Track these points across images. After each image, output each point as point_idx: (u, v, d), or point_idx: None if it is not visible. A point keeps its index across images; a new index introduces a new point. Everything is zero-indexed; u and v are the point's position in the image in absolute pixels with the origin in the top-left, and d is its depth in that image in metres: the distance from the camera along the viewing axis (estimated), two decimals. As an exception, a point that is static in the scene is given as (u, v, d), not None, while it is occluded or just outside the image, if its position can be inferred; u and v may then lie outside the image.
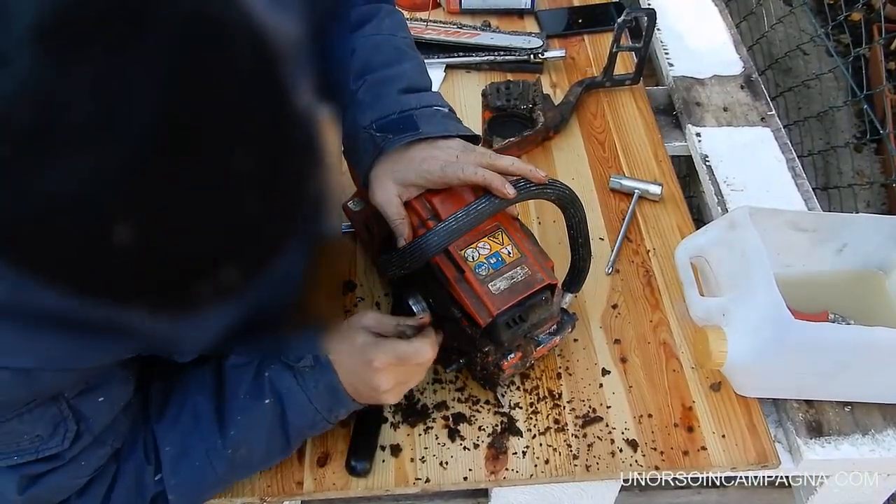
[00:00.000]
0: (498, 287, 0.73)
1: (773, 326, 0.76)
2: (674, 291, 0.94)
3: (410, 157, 0.75)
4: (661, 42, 1.30)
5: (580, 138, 1.14)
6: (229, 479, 0.72)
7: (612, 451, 0.80)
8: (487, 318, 0.72)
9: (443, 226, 0.70)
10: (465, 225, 0.71)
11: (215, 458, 0.67)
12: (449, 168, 0.73)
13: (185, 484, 0.67)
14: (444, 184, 0.74)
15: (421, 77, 0.83)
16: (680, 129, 1.18)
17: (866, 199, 1.96)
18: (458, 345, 0.80)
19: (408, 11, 1.37)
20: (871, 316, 0.89)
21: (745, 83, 1.22)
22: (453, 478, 0.78)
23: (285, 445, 0.72)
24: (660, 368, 0.87)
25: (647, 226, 1.02)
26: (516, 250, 0.75)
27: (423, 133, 0.75)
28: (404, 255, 0.72)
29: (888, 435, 0.82)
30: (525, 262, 0.75)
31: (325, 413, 0.71)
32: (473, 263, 0.74)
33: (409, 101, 0.77)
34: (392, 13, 0.87)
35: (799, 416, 0.83)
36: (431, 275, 0.76)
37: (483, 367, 0.80)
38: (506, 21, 1.36)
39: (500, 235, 0.76)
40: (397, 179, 0.74)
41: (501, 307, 0.72)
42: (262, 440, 0.70)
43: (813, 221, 0.90)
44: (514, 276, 0.74)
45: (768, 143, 1.12)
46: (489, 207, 0.71)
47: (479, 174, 0.72)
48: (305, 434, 0.74)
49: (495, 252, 0.75)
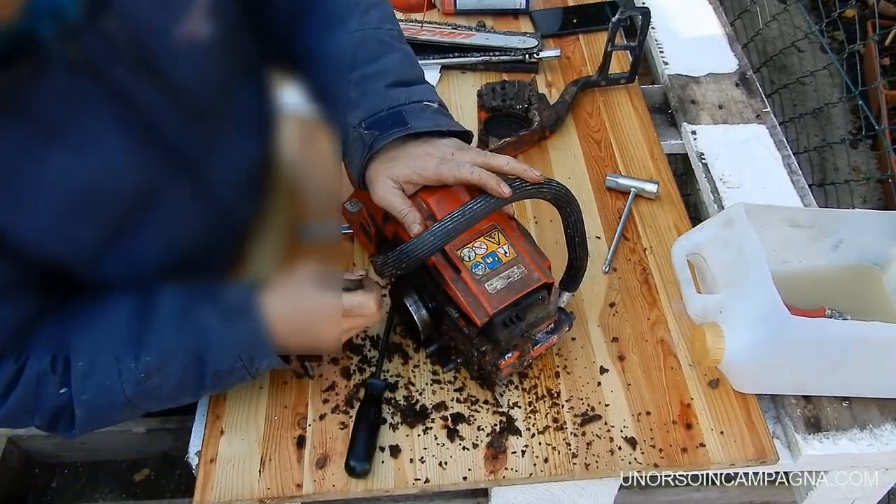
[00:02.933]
0: (494, 287, 0.73)
1: (770, 323, 0.76)
2: (671, 289, 0.94)
3: (406, 154, 0.74)
4: (656, 40, 1.30)
5: (576, 137, 1.15)
6: (137, 406, 0.71)
7: (610, 450, 0.80)
8: (484, 318, 0.72)
9: (438, 226, 0.70)
10: (460, 225, 0.71)
11: (126, 380, 0.67)
12: (444, 166, 0.73)
13: (93, 401, 0.68)
14: (440, 181, 0.74)
15: (409, 69, 0.81)
16: (675, 127, 1.18)
17: (862, 195, 1.97)
18: (455, 344, 0.80)
19: (402, 13, 1.37)
20: (867, 311, 0.89)
21: (740, 81, 1.22)
22: (453, 478, 0.78)
23: (199, 385, 0.71)
24: (658, 366, 0.87)
25: (643, 224, 1.02)
26: (512, 250, 0.75)
27: (412, 128, 0.74)
28: (400, 256, 0.71)
29: (886, 429, 0.82)
30: (521, 262, 0.75)
31: (246, 360, 0.71)
32: (470, 263, 0.73)
33: (397, 97, 0.77)
34: (376, 5, 0.85)
35: (797, 411, 0.83)
36: (428, 275, 0.76)
37: (481, 366, 0.80)
38: (501, 21, 1.36)
39: (496, 235, 0.76)
40: (393, 176, 0.74)
41: (498, 307, 0.72)
42: (175, 373, 0.69)
43: (809, 217, 0.90)
44: (511, 276, 0.74)
45: (764, 140, 1.13)
46: (485, 207, 0.71)
47: (475, 173, 0.72)
48: (223, 380, 0.73)
49: (492, 252, 0.75)
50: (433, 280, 0.76)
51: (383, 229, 0.83)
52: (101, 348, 0.68)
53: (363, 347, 0.88)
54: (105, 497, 1.48)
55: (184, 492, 1.45)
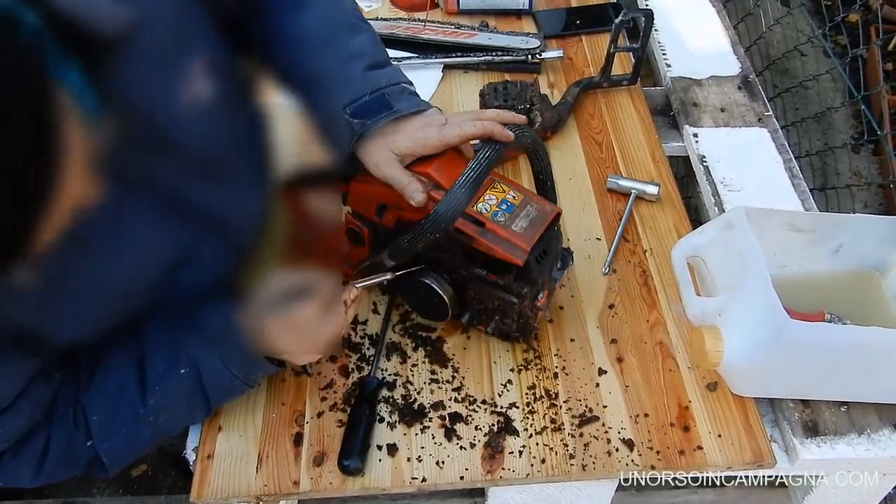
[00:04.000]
0: (520, 226, 0.76)
1: (769, 326, 0.76)
2: (670, 291, 0.94)
3: (404, 129, 0.76)
4: (659, 43, 1.30)
5: (577, 138, 1.15)
6: (157, 439, 0.75)
7: (608, 451, 0.80)
8: (523, 256, 0.75)
9: (462, 181, 0.71)
10: (482, 174, 0.72)
11: (140, 425, 0.71)
12: (447, 129, 0.75)
13: (115, 447, 0.72)
14: (444, 146, 0.76)
15: (380, 51, 0.82)
16: (677, 129, 1.18)
17: (863, 200, 1.97)
18: (484, 307, 0.82)
19: (406, 11, 1.37)
20: (867, 316, 0.89)
21: (742, 84, 1.22)
22: (450, 477, 0.78)
23: (206, 407, 0.75)
24: (656, 368, 0.87)
25: (643, 226, 1.02)
26: (519, 193, 0.79)
27: (397, 111, 0.75)
28: (436, 220, 0.71)
29: (884, 435, 0.82)
30: (531, 200, 0.79)
31: (242, 377, 0.74)
32: (489, 214, 0.76)
33: (377, 79, 0.77)
34: None
35: (795, 415, 0.83)
36: (440, 249, 0.77)
37: (520, 314, 0.81)
38: (504, 21, 1.36)
39: (498, 185, 0.79)
40: (394, 149, 0.75)
41: (532, 241, 0.76)
42: (182, 407, 0.73)
43: (810, 222, 0.90)
44: (529, 213, 0.78)
45: (765, 143, 1.13)
46: (495, 153, 0.74)
47: (478, 125, 0.75)
48: (227, 396, 0.77)
49: (502, 199, 0.78)
50: (447, 251, 0.78)
51: (379, 222, 0.82)
52: (111, 400, 0.71)
53: (361, 346, 0.88)
54: (102, 492, 1.48)
55: (181, 488, 1.45)
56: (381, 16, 1.36)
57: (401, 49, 1.27)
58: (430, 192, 0.75)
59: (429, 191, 0.75)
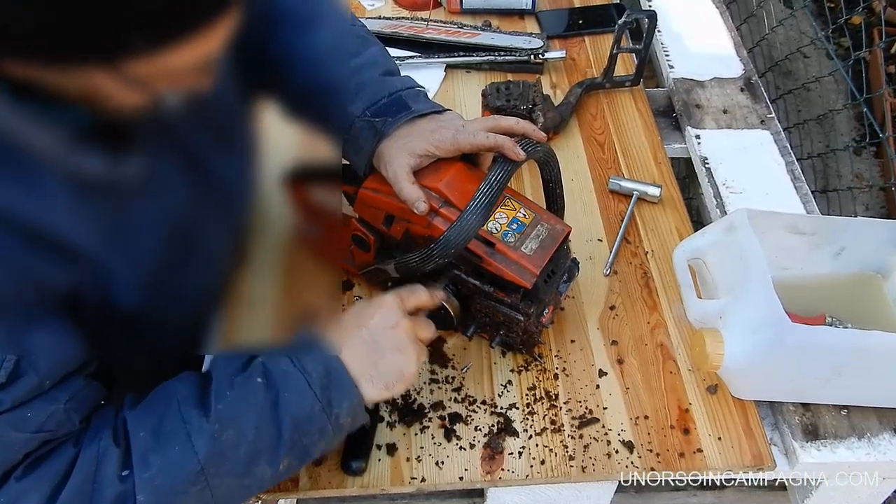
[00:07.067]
0: (530, 248, 0.76)
1: (770, 329, 0.76)
2: (671, 293, 0.94)
3: (420, 130, 0.77)
4: (662, 44, 1.30)
5: (580, 139, 1.14)
6: (211, 477, 0.61)
7: (608, 453, 0.80)
8: (532, 279, 0.75)
9: (474, 206, 0.71)
10: (493, 198, 0.72)
11: (197, 438, 0.60)
12: (460, 135, 0.76)
13: (159, 477, 0.60)
14: (456, 151, 0.76)
15: (391, 61, 0.86)
16: (679, 130, 1.18)
17: (865, 203, 1.97)
18: (489, 320, 0.82)
19: (408, 11, 1.37)
20: (868, 320, 0.89)
21: (745, 86, 1.22)
22: (449, 477, 0.78)
23: (277, 439, 0.64)
24: (657, 370, 0.87)
25: (645, 227, 1.02)
26: (529, 211, 0.78)
27: (416, 111, 0.78)
28: (447, 243, 0.71)
29: (884, 439, 0.82)
30: (541, 219, 0.78)
31: (324, 402, 0.64)
32: (499, 234, 0.76)
33: (393, 84, 0.80)
34: (337, 4, 0.87)
35: (795, 419, 0.83)
36: (449, 263, 0.77)
37: (525, 329, 0.81)
38: (506, 21, 1.36)
39: (509, 202, 0.79)
40: (410, 149, 0.76)
41: (541, 265, 0.75)
42: (251, 422, 0.63)
43: (811, 225, 0.90)
44: (539, 234, 0.77)
45: (768, 145, 1.12)
46: (505, 174, 0.73)
47: (490, 138, 0.75)
48: (301, 428, 0.65)
49: (513, 218, 0.78)
50: (456, 266, 0.78)
51: (388, 232, 0.82)
52: (163, 412, 0.62)
53: (362, 345, 0.88)
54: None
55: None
56: (383, 15, 1.36)
57: (403, 48, 1.27)
58: (441, 210, 0.75)
59: (438, 208, 0.75)
